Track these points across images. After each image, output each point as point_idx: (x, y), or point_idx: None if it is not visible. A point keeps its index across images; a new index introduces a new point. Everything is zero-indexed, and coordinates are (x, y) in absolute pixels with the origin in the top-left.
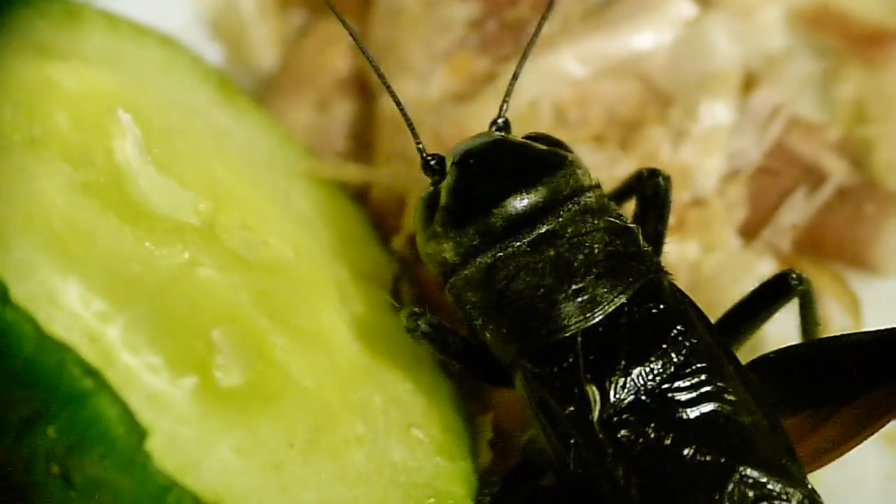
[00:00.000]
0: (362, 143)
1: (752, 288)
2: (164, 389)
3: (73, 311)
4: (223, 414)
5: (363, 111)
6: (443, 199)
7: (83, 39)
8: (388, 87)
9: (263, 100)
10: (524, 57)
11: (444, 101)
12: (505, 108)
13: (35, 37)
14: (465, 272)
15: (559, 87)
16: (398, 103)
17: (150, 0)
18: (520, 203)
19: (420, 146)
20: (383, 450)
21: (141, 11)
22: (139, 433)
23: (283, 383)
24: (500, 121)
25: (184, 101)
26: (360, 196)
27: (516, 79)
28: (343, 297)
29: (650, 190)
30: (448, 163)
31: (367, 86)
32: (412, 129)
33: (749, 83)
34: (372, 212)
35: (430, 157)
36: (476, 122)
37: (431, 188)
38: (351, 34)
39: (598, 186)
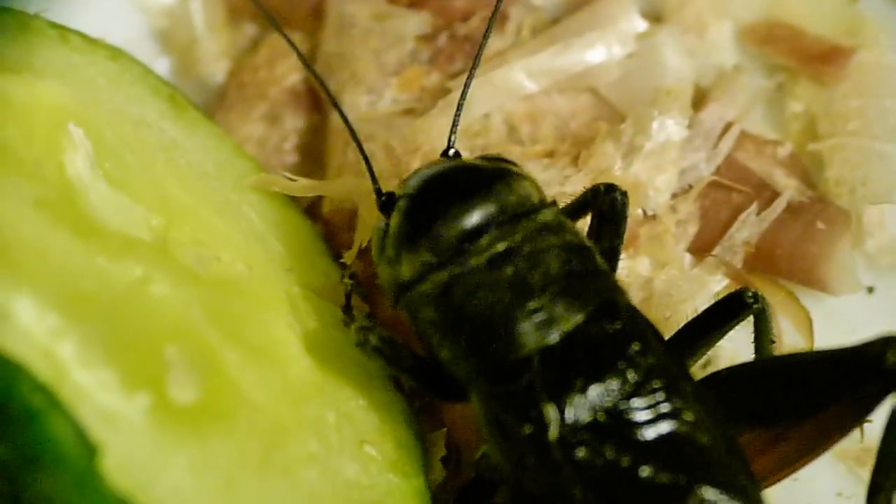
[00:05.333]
0: (314, 156)
1: (704, 305)
2: (118, 407)
3: (25, 327)
4: (176, 432)
5: (315, 124)
6: (394, 222)
7: (34, 52)
8: (341, 111)
9: (214, 113)
10: (470, 77)
11: (396, 114)
12: (453, 139)
13: None
14: (421, 288)
15: (511, 101)
16: (353, 133)
17: (101, 13)
18: (473, 217)
19: (377, 187)
20: (337, 467)
21: (91, 24)
22: (91, 452)
23: (236, 400)
24: (450, 152)
25: (134, 115)
26: (311, 210)
27: (463, 101)
28: (295, 313)
29: (607, 205)
30: (399, 193)
31: (318, 99)
32: (369, 167)
33: (700, 99)
34: (324, 226)
35: (382, 195)
36: (428, 135)
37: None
38: (298, 53)
39: (554, 204)
